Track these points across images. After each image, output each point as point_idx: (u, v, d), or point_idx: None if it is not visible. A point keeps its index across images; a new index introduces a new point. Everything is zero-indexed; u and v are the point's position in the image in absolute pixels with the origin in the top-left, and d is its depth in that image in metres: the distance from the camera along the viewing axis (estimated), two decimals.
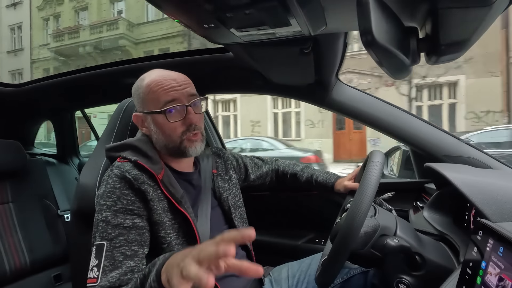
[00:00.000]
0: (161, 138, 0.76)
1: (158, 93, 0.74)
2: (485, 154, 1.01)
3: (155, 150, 0.78)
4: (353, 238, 0.57)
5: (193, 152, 0.77)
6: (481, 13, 0.41)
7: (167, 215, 0.71)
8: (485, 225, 0.48)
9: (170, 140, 0.76)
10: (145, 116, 0.77)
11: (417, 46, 0.47)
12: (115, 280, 0.60)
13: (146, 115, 0.77)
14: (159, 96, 0.73)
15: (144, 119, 0.78)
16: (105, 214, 0.66)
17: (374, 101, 1.15)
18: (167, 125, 0.74)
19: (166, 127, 0.74)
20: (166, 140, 0.76)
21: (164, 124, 0.74)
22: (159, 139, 0.76)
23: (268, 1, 0.60)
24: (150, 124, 0.77)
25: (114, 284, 0.60)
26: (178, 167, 0.82)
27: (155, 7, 0.69)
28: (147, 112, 0.76)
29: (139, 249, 0.66)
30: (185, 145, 0.76)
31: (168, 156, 0.80)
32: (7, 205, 1.38)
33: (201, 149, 0.79)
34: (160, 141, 0.77)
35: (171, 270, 0.45)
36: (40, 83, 1.54)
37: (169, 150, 0.77)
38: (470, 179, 0.67)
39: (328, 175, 1.08)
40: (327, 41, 0.88)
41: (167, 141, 0.76)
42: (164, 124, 0.74)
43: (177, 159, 0.81)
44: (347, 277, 0.86)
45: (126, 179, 0.68)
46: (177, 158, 0.81)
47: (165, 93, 0.73)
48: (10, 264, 1.30)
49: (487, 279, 0.44)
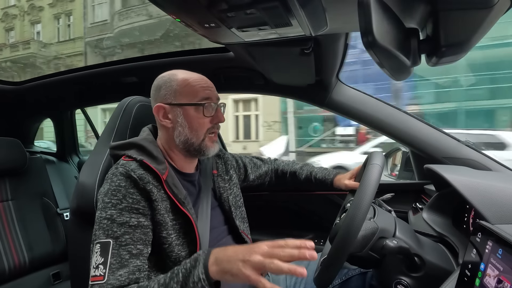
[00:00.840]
0: (186, 131, 0.77)
1: (196, 88, 0.77)
2: (485, 156, 1.01)
3: (160, 150, 0.78)
4: (352, 241, 0.57)
5: (211, 152, 0.80)
6: (481, 15, 0.41)
7: (169, 215, 0.71)
8: (484, 227, 0.48)
9: (194, 135, 0.77)
10: (172, 108, 0.77)
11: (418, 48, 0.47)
12: (125, 278, 0.61)
13: (175, 107, 0.77)
14: (197, 91, 0.77)
15: (169, 110, 0.77)
16: (110, 212, 0.65)
17: (374, 102, 1.15)
18: (198, 119, 0.77)
19: (195, 121, 0.77)
20: (191, 135, 0.77)
21: (194, 118, 0.77)
22: (183, 133, 0.77)
23: (269, 1, 0.60)
24: (178, 116, 0.77)
25: (124, 282, 0.60)
26: (182, 167, 0.82)
27: (156, 6, 0.69)
28: (180, 104, 0.76)
29: (144, 248, 0.66)
30: (206, 143, 0.79)
31: (176, 156, 0.80)
32: (7, 203, 1.38)
33: (217, 149, 0.83)
34: (182, 135, 0.77)
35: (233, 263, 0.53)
36: (40, 81, 1.54)
37: (188, 146, 0.78)
38: (469, 181, 0.67)
39: (327, 171, 1.09)
40: (328, 42, 0.88)
41: (191, 135, 0.77)
42: (195, 118, 0.77)
43: (187, 158, 0.82)
44: (346, 278, 0.86)
45: (131, 178, 0.68)
46: (189, 157, 0.81)
47: (203, 90, 0.78)
48: (9, 262, 1.30)
49: (486, 281, 0.44)
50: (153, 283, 0.59)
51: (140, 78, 1.37)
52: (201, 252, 0.58)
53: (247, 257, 0.52)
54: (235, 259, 0.53)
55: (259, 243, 0.54)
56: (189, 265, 0.57)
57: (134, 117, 0.93)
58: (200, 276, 0.54)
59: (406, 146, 1.17)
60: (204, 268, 0.55)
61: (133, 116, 0.93)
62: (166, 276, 0.58)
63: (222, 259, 0.55)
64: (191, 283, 0.55)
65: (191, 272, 0.56)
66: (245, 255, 0.52)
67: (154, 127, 0.86)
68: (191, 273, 0.56)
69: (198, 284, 0.54)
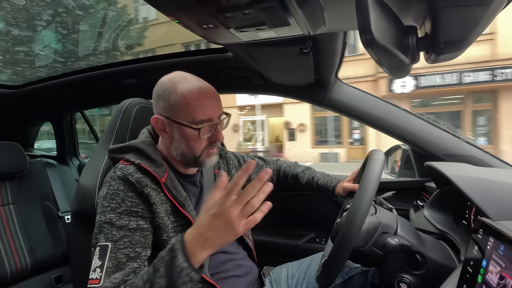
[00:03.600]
0: (183, 147, 0.75)
1: (195, 108, 0.71)
2: (485, 153, 1.01)
3: (159, 152, 0.77)
4: (354, 235, 0.57)
5: (209, 164, 0.77)
6: (479, 12, 0.41)
7: (170, 218, 0.71)
8: (485, 223, 0.48)
9: (190, 151, 0.75)
10: (170, 122, 0.74)
11: (416, 45, 0.47)
12: (119, 281, 0.60)
13: (172, 123, 0.73)
14: (195, 112, 0.71)
15: (168, 124, 0.74)
16: (109, 216, 0.65)
17: (374, 100, 1.15)
18: (195, 138, 0.73)
19: (192, 140, 0.73)
20: (187, 151, 0.75)
21: (191, 138, 0.73)
22: (179, 148, 0.75)
23: (267, 1, 0.60)
24: (175, 132, 0.74)
25: (118, 284, 0.60)
26: (182, 169, 0.81)
27: (154, 8, 0.69)
28: (176, 121, 0.73)
29: (142, 251, 0.66)
30: (203, 158, 0.76)
31: (175, 161, 0.79)
32: (8, 206, 1.38)
33: (216, 160, 0.79)
34: (179, 149, 0.75)
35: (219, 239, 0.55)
36: (40, 85, 1.54)
37: (185, 159, 0.76)
38: (470, 178, 0.66)
39: (329, 178, 1.08)
40: (327, 41, 0.88)
41: (187, 151, 0.75)
42: (192, 137, 0.73)
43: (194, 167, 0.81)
44: (348, 277, 0.86)
45: (129, 182, 0.68)
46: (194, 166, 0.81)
47: (202, 111, 0.72)
48: (11, 266, 1.30)
49: (488, 278, 0.44)
50: (136, 279, 0.59)
51: (139, 80, 1.37)
52: (175, 241, 0.58)
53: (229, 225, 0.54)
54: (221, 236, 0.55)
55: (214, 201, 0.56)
56: (167, 258, 0.56)
57: (134, 119, 0.93)
58: (182, 265, 0.54)
59: (406, 144, 1.17)
60: (184, 257, 0.55)
61: (132, 118, 0.93)
62: (149, 271, 0.58)
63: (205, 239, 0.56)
64: (175, 274, 0.55)
65: (172, 264, 0.55)
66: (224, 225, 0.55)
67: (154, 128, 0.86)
68: (172, 264, 0.55)
69: (183, 273, 0.54)
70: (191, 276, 0.55)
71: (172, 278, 0.55)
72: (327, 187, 1.06)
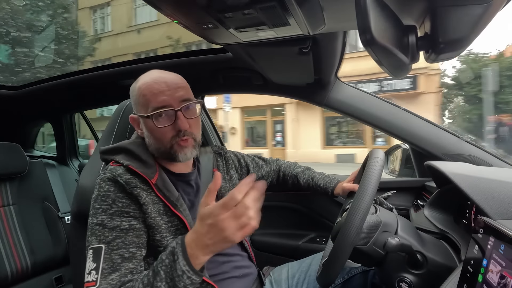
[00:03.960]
0: (153, 141, 0.75)
1: (147, 97, 0.72)
2: (485, 152, 1.01)
3: (149, 152, 0.77)
4: (355, 234, 0.57)
5: (182, 157, 0.75)
6: (479, 11, 0.41)
7: (163, 218, 0.71)
8: (486, 223, 0.48)
9: (160, 144, 0.74)
10: (138, 118, 0.77)
11: (416, 45, 0.47)
12: (116, 282, 0.60)
13: (139, 118, 0.76)
14: (148, 101, 0.72)
15: (139, 121, 0.78)
16: (100, 217, 0.65)
17: (374, 100, 1.15)
18: (156, 130, 0.72)
19: (155, 132, 0.73)
20: (157, 144, 0.75)
21: (153, 129, 0.73)
22: (151, 143, 0.76)
23: (267, 1, 0.60)
24: (144, 128, 0.76)
25: (115, 286, 0.60)
26: (175, 168, 0.81)
27: (154, 8, 0.69)
28: (139, 115, 0.75)
29: (137, 251, 0.66)
30: (175, 149, 0.74)
31: (163, 159, 0.79)
32: (8, 207, 1.38)
33: (192, 155, 0.76)
34: (152, 144, 0.76)
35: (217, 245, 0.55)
36: (40, 86, 1.54)
37: (161, 154, 0.76)
38: (470, 177, 0.66)
39: (328, 179, 1.08)
40: (326, 41, 0.88)
41: (158, 144, 0.75)
42: (153, 129, 0.73)
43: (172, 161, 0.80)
44: (348, 277, 0.86)
45: (119, 183, 0.68)
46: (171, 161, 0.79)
47: (154, 98, 0.71)
48: (11, 267, 1.30)
49: (489, 277, 0.44)
50: (136, 283, 0.59)
51: None
52: (175, 244, 0.58)
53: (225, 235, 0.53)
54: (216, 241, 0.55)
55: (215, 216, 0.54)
56: (167, 261, 0.57)
57: None
58: (183, 268, 0.55)
59: (406, 143, 1.17)
60: (185, 260, 0.55)
61: None
62: (149, 275, 0.58)
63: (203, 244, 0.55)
64: (176, 277, 0.55)
65: (172, 267, 0.55)
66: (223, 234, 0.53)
67: None
68: (172, 267, 0.55)
69: (184, 276, 0.55)
70: (192, 279, 0.55)
71: (173, 281, 0.55)
72: (326, 188, 1.06)
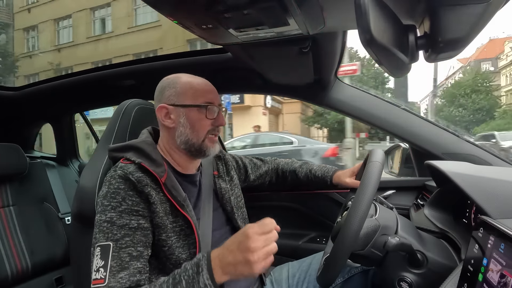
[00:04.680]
0: (187, 132, 0.77)
1: (200, 91, 0.78)
2: (484, 151, 1.01)
3: (158, 152, 0.78)
4: (353, 239, 0.57)
5: (212, 152, 0.80)
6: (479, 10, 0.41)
7: (169, 218, 0.71)
8: (486, 222, 0.48)
9: (195, 136, 0.77)
10: (175, 109, 0.77)
11: (416, 44, 0.47)
12: (125, 281, 0.61)
13: (178, 108, 0.77)
14: (200, 94, 0.78)
15: (172, 111, 0.78)
16: (110, 214, 0.65)
17: (373, 100, 1.15)
18: (200, 120, 0.77)
19: (197, 122, 0.77)
20: (191, 135, 0.77)
21: (196, 119, 0.77)
22: (184, 133, 0.77)
23: (266, 1, 0.60)
24: (180, 117, 0.77)
25: (125, 285, 0.60)
26: (182, 169, 0.81)
27: (153, 8, 0.69)
28: (183, 105, 0.77)
29: (144, 250, 0.66)
30: (206, 144, 0.79)
31: (177, 156, 0.80)
32: (8, 208, 1.38)
33: (216, 151, 0.83)
34: (183, 135, 0.77)
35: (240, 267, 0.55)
36: (39, 86, 1.54)
37: (189, 146, 0.78)
38: (470, 176, 0.67)
39: (326, 169, 1.10)
40: (326, 40, 0.88)
41: (192, 136, 0.77)
42: (197, 119, 0.77)
43: (189, 158, 0.82)
44: (348, 277, 0.86)
45: (130, 181, 0.68)
46: (190, 157, 0.81)
47: (206, 93, 0.79)
48: (11, 268, 1.29)
49: (489, 276, 0.44)
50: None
51: (138, 81, 1.37)
52: (201, 257, 0.59)
53: (250, 258, 0.54)
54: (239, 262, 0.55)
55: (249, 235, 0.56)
56: (191, 272, 0.57)
57: (133, 119, 0.93)
58: (206, 282, 0.55)
59: (406, 143, 1.17)
60: (209, 274, 0.56)
61: (132, 119, 0.93)
62: (169, 283, 0.58)
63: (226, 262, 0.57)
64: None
65: (195, 278, 0.56)
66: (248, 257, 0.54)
67: (154, 129, 0.86)
68: (194, 279, 0.56)
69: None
70: None
71: None
72: (325, 178, 1.07)
